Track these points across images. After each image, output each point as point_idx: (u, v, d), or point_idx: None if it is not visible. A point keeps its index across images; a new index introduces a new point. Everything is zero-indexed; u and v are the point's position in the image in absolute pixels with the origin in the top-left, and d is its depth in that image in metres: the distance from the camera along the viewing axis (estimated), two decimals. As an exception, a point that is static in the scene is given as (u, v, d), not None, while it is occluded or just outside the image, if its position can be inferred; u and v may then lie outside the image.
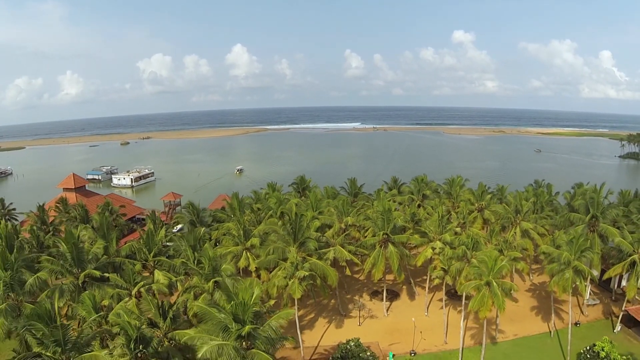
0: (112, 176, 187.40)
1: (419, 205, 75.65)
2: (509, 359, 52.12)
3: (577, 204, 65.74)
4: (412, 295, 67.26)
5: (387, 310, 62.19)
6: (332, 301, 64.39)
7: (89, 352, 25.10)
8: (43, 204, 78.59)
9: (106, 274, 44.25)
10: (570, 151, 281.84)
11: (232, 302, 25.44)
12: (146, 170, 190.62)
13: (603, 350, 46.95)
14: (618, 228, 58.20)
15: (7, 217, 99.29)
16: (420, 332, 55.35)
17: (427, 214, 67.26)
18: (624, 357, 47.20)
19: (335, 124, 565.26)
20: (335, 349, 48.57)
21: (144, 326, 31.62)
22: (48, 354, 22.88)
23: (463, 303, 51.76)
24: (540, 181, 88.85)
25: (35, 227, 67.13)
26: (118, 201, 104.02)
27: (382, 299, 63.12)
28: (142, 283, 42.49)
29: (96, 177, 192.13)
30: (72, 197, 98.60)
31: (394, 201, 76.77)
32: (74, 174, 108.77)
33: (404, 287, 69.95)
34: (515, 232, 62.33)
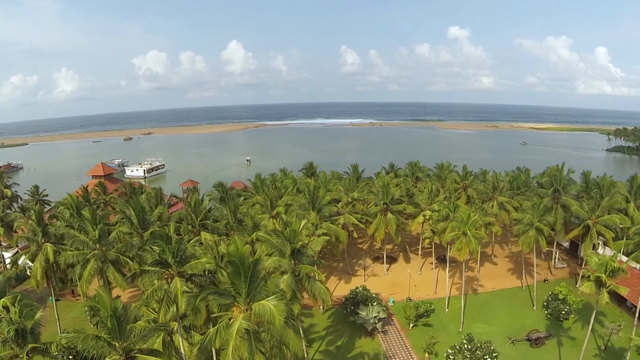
0: (125, 168, 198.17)
1: (412, 185, 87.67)
2: (488, 304, 64.18)
3: (543, 180, 78.08)
4: (407, 260, 79.41)
5: (387, 270, 74.35)
6: (341, 264, 76.35)
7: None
8: (86, 186, 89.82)
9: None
10: (559, 145, 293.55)
11: (287, 229, 37.04)
12: (157, 163, 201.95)
13: (561, 293, 59.00)
14: (578, 200, 70.32)
15: (40, 201, 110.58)
16: (415, 285, 67.53)
17: (419, 190, 79.20)
18: (579, 299, 59.36)
19: (333, 120, 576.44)
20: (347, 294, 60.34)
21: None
22: (167, 260, 34.11)
23: (448, 265, 63.70)
24: (521, 167, 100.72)
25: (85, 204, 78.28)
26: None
27: (382, 263, 75.26)
28: (195, 238, 54.07)
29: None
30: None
31: (391, 182, 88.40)
32: (102, 162, 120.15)
33: (401, 253, 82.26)
34: (492, 205, 74.36)
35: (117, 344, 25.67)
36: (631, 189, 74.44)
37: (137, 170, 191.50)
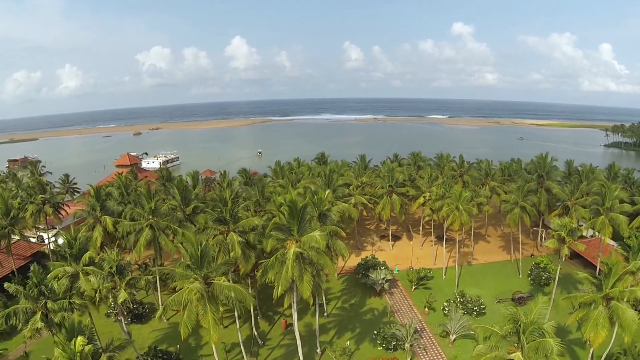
0: (142, 160, 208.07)
1: (414, 171, 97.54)
2: (480, 273, 73.96)
3: (529, 167, 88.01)
4: (410, 238, 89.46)
5: (392, 246, 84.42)
6: (352, 241, 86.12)
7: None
8: (121, 173, 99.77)
9: (204, 207, 65.65)
10: (559, 140, 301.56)
11: (316, 197, 46.64)
12: (172, 155, 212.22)
13: (542, 262, 68.65)
14: (560, 185, 79.85)
15: (70, 189, 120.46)
16: (417, 258, 77.36)
17: (420, 177, 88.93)
18: (558, 267, 68.88)
19: (337, 115, 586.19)
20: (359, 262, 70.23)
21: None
22: (225, 218, 43.74)
23: (444, 238, 73.40)
24: (515, 159, 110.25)
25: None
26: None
27: (388, 240, 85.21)
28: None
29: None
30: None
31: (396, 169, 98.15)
32: (128, 153, 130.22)
33: (404, 233, 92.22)
34: (485, 189, 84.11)
35: (199, 272, 35.38)
36: (609, 175, 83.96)
37: (153, 162, 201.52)
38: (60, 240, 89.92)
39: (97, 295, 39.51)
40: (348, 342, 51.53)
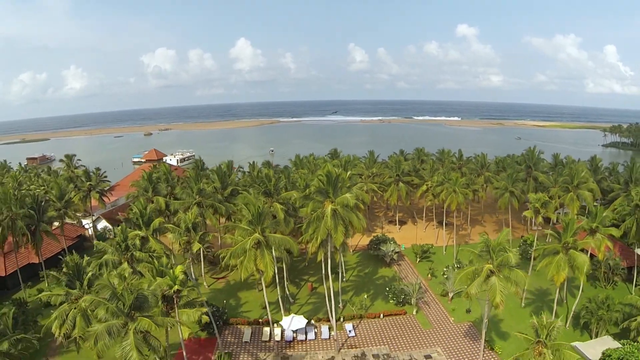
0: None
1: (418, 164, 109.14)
2: (475, 249, 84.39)
3: (519, 159, 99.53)
4: (414, 223, 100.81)
5: (399, 229, 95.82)
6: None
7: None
8: (156, 165, 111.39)
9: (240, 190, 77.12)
10: (559, 141, 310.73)
11: (339, 177, 58.00)
12: (188, 153, 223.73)
13: (529, 239, 79.72)
14: (547, 174, 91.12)
15: (102, 181, 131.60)
16: (421, 238, 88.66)
17: (423, 168, 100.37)
18: (542, 245, 79.89)
19: (344, 117, 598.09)
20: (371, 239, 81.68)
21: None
22: (270, 190, 55.03)
23: (444, 225, 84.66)
24: (510, 155, 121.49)
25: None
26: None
27: (395, 224, 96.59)
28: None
29: (143, 160, 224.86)
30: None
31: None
32: (154, 149, 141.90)
33: (409, 219, 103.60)
34: (481, 178, 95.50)
35: (257, 228, 46.68)
36: (591, 167, 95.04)
37: (170, 159, 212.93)
38: (100, 225, 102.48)
39: (178, 245, 50.97)
40: (366, 296, 63.03)
